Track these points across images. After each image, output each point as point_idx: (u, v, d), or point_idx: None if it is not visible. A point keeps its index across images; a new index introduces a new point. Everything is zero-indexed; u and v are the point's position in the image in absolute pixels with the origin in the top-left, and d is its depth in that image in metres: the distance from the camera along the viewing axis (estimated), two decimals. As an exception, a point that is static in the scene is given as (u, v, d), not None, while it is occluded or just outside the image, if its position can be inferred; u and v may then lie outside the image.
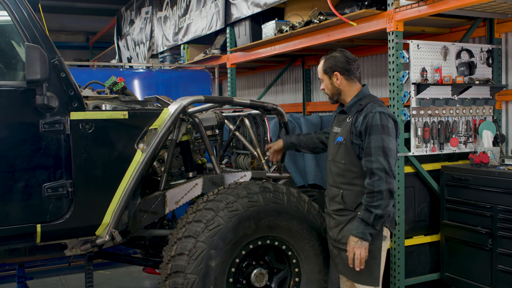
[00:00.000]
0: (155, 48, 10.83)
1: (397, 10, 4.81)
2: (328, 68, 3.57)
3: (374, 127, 3.32)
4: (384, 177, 3.24)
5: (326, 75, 3.59)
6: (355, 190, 3.47)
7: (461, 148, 5.29)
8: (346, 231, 3.47)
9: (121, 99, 4.13)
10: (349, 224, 3.47)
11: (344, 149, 3.48)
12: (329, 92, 3.62)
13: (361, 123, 3.38)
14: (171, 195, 4.14)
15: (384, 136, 3.30)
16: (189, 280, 3.64)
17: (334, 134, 3.63)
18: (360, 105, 3.48)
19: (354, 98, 3.55)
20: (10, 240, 3.60)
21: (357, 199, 3.44)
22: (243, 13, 7.23)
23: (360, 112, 3.44)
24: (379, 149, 3.27)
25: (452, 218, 5.09)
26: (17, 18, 3.54)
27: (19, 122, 3.54)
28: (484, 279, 4.75)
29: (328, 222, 3.68)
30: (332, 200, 3.59)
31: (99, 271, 6.58)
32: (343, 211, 3.51)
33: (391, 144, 3.31)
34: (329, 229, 3.67)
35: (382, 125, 3.32)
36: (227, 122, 4.96)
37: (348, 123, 3.48)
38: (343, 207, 3.50)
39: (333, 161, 3.58)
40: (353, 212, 3.46)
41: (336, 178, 3.56)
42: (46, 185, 3.60)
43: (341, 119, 3.60)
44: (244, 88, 11.43)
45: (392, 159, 3.30)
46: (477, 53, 5.33)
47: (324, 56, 3.64)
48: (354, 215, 3.44)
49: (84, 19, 15.95)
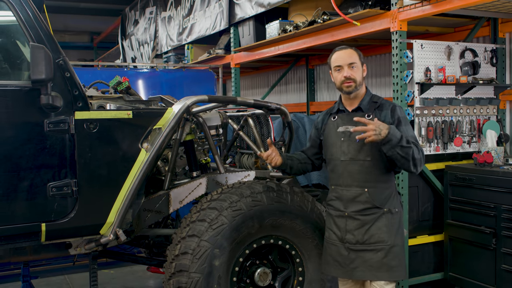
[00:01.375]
0: (159, 48, 10.85)
1: (401, 10, 4.81)
2: (361, 57, 3.57)
3: (404, 119, 3.50)
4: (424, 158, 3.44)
5: (361, 61, 3.55)
6: (382, 187, 3.47)
7: (465, 148, 5.29)
8: (375, 229, 3.43)
9: (125, 98, 4.14)
10: (377, 222, 3.44)
11: (369, 145, 3.40)
12: (359, 79, 3.51)
13: (390, 117, 3.46)
14: (175, 195, 4.15)
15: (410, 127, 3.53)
16: (193, 279, 3.65)
17: (347, 133, 3.50)
18: (375, 103, 3.54)
19: (367, 97, 3.57)
20: (15, 239, 3.62)
21: (385, 196, 3.47)
22: (247, 13, 7.24)
23: (379, 108, 3.51)
24: (414, 137, 3.45)
25: (456, 217, 5.09)
26: (22, 18, 3.56)
27: (24, 121, 3.56)
28: (488, 278, 4.75)
29: (344, 225, 3.51)
30: (353, 200, 3.48)
31: (104, 270, 6.60)
32: (370, 210, 3.45)
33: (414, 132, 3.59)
34: (345, 232, 3.50)
35: (406, 118, 3.55)
36: (231, 122, 4.97)
37: (371, 119, 3.36)
38: (370, 206, 3.44)
39: (353, 159, 3.48)
40: (381, 209, 3.44)
41: (359, 177, 3.46)
42: (51, 184, 3.62)
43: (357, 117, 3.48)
44: (248, 88, 11.44)
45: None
46: (481, 52, 5.33)
47: (347, 46, 3.60)
48: (382, 212, 3.44)
49: (88, 19, 15.98)
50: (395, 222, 3.49)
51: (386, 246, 3.42)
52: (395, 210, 3.49)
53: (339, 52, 3.56)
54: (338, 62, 3.53)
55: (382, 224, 3.44)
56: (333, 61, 3.58)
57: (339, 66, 3.52)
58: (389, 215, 3.46)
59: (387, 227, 3.44)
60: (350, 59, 3.51)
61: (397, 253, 3.45)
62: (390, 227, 3.45)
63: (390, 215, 3.47)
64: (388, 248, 3.42)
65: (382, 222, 3.44)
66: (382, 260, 3.42)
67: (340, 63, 3.51)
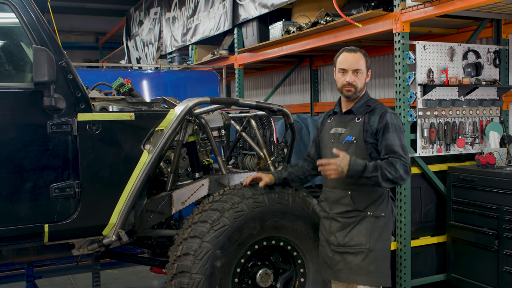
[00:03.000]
0: (163, 48, 10.87)
1: (404, 11, 4.81)
2: (368, 64, 3.55)
3: (392, 126, 3.41)
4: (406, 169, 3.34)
5: (367, 69, 3.54)
6: (364, 190, 3.45)
7: (467, 149, 5.28)
8: (356, 232, 3.44)
9: (127, 100, 4.16)
10: (358, 225, 3.44)
11: (355, 148, 3.43)
12: (360, 86, 3.51)
13: (378, 122, 3.42)
14: (177, 196, 4.16)
15: (401, 135, 3.43)
16: (195, 280, 3.67)
17: (337, 135, 3.56)
18: (369, 106, 3.51)
19: (362, 100, 3.55)
20: (18, 239, 3.64)
21: (367, 199, 3.45)
22: (250, 14, 7.25)
23: (371, 113, 3.47)
24: (400, 147, 3.37)
25: (459, 219, 5.09)
26: (25, 20, 3.57)
27: (27, 123, 3.58)
28: (490, 280, 4.74)
29: (329, 227, 3.58)
30: (336, 202, 3.54)
31: (107, 271, 6.62)
32: (352, 213, 3.46)
33: (404, 143, 3.45)
34: (329, 234, 3.57)
35: (398, 125, 3.45)
36: (233, 123, 4.98)
37: (359, 123, 3.46)
38: (351, 209, 3.46)
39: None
40: (363, 212, 3.44)
41: (343, 179, 3.44)
42: (54, 185, 3.64)
43: (347, 119, 3.56)
44: (252, 89, 11.45)
45: (408, 157, 3.42)
46: (484, 54, 5.32)
47: (357, 49, 3.54)
48: (364, 215, 3.43)
49: (93, 20, 16.03)
50: (379, 227, 3.46)
51: (365, 250, 3.42)
52: (380, 215, 3.47)
53: (347, 54, 3.51)
54: (343, 65, 3.50)
55: (363, 228, 3.44)
56: (339, 62, 3.55)
57: (344, 69, 3.50)
58: (372, 219, 3.45)
59: (367, 230, 3.43)
60: (357, 65, 3.48)
61: (376, 258, 3.43)
62: (371, 231, 3.43)
63: (374, 219, 3.45)
64: (366, 252, 3.42)
65: (363, 226, 3.44)
66: (360, 263, 3.43)
67: (345, 67, 3.49)
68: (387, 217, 3.51)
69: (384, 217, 3.48)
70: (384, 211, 3.49)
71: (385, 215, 3.49)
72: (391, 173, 3.29)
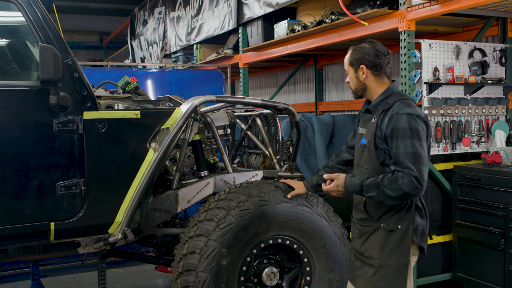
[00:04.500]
0: (168, 48, 10.88)
1: (409, 10, 4.80)
2: (355, 60, 3.21)
3: (402, 130, 2.96)
4: (413, 184, 2.90)
5: (352, 67, 3.23)
6: None
7: (473, 148, 5.27)
8: (369, 244, 3.16)
9: (133, 98, 4.16)
10: (372, 236, 3.15)
11: (367, 153, 3.14)
12: (353, 86, 3.27)
13: (386, 126, 3.03)
14: (183, 194, 4.16)
15: (415, 141, 2.94)
16: (201, 279, 3.67)
17: (359, 136, 3.29)
18: (387, 104, 3.11)
19: (381, 96, 3.18)
20: (24, 237, 3.64)
21: (381, 209, 3.12)
22: (255, 13, 7.25)
23: (386, 112, 3.08)
24: (408, 155, 2.92)
25: (465, 218, 5.07)
26: (31, 19, 3.58)
27: (33, 121, 3.59)
28: (496, 279, 4.73)
29: (353, 231, 3.34)
30: (356, 207, 3.29)
31: (112, 269, 6.63)
32: (366, 221, 3.19)
33: (421, 150, 2.94)
34: (353, 239, 3.34)
35: (411, 128, 2.96)
36: (238, 122, 4.98)
37: (373, 124, 3.12)
38: (366, 217, 3.19)
39: (358, 165, 3.27)
40: (376, 223, 3.13)
41: None
42: (60, 183, 3.64)
43: (366, 118, 3.24)
44: (256, 88, 11.44)
45: (424, 166, 2.94)
46: (490, 52, 5.30)
47: (353, 46, 3.28)
48: (378, 226, 3.12)
49: (97, 20, 16.04)
50: (392, 241, 3.09)
51: (375, 264, 3.12)
52: (395, 228, 3.08)
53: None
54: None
55: (375, 240, 3.13)
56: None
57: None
58: (386, 232, 3.10)
59: (379, 243, 3.11)
60: (345, 66, 3.33)
61: (386, 274, 3.10)
62: (384, 245, 3.10)
63: (387, 232, 3.10)
64: (377, 267, 3.12)
65: (376, 238, 3.13)
66: (371, 277, 3.15)
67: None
68: (404, 231, 3.07)
69: (399, 230, 3.07)
70: (401, 223, 3.07)
71: (402, 228, 3.07)
72: (392, 191, 2.92)
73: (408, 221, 3.09)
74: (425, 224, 3.17)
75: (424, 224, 3.15)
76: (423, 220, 3.16)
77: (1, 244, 3.60)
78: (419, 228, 3.12)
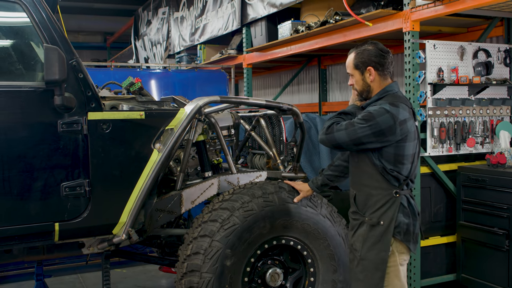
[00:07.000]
0: (171, 48, 10.89)
1: (413, 10, 4.79)
2: (360, 62, 3.24)
3: (366, 114, 3.11)
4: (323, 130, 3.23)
5: (358, 70, 3.26)
6: (365, 192, 3.27)
7: (477, 149, 5.26)
8: (356, 237, 3.28)
9: (138, 99, 4.17)
10: (358, 229, 3.27)
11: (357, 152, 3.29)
12: (359, 88, 3.30)
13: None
14: (187, 195, 4.16)
15: (363, 122, 3.08)
16: (205, 279, 3.67)
17: None
18: (376, 101, 3.21)
19: (375, 96, 3.25)
20: (29, 238, 3.66)
21: (367, 202, 3.24)
22: (259, 13, 7.25)
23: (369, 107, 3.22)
24: (350, 124, 3.12)
25: (469, 219, 5.06)
26: (36, 20, 3.59)
27: (38, 122, 3.60)
28: (500, 280, 4.72)
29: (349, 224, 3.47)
30: (350, 201, 3.42)
31: (116, 270, 6.63)
32: (356, 214, 3.32)
33: (360, 130, 3.08)
34: (348, 232, 3.48)
35: (370, 112, 3.09)
36: (242, 122, 4.98)
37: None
38: (355, 210, 3.32)
39: (352, 159, 3.39)
40: (362, 217, 3.25)
41: (352, 178, 3.41)
42: (64, 184, 3.65)
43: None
44: (260, 88, 11.45)
45: (341, 137, 3.15)
46: (494, 53, 5.29)
47: (354, 49, 3.30)
48: (363, 220, 3.24)
49: (101, 20, 16.07)
50: (375, 236, 3.18)
51: (358, 256, 3.24)
52: (377, 223, 3.17)
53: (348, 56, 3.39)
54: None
55: (360, 233, 3.25)
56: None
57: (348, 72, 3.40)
58: (369, 226, 3.20)
59: (363, 237, 3.22)
60: (348, 69, 3.35)
61: (366, 267, 3.21)
62: (366, 239, 3.21)
63: (370, 227, 3.20)
64: (359, 259, 3.24)
65: (360, 231, 3.25)
66: (354, 269, 3.29)
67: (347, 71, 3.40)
68: (386, 227, 3.16)
69: (381, 225, 3.16)
70: (383, 219, 3.16)
71: (384, 224, 3.16)
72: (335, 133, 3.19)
73: (390, 218, 3.16)
74: (411, 223, 3.22)
75: (408, 223, 3.20)
76: (408, 219, 3.21)
77: (6, 245, 3.61)
78: (402, 227, 3.19)
